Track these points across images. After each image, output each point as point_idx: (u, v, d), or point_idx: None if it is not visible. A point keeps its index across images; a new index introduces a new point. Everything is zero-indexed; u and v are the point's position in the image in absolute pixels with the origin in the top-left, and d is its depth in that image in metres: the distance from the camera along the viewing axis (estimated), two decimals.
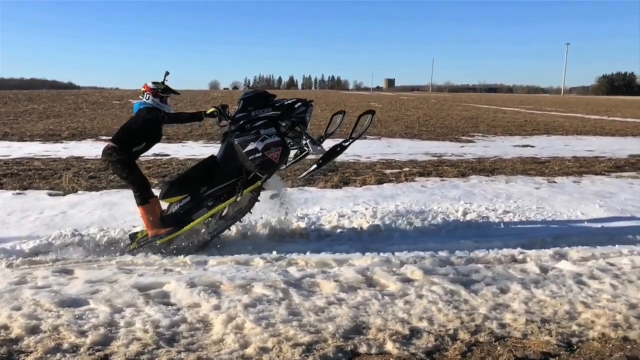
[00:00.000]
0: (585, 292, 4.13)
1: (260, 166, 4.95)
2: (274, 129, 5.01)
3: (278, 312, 3.66)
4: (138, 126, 5.04)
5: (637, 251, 5.18)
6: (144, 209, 5.11)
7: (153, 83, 5.12)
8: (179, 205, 5.11)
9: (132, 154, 5.07)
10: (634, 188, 8.47)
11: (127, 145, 5.02)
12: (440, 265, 4.72)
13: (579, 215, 6.69)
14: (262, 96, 5.20)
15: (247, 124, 5.03)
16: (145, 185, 5.14)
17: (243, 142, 4.96)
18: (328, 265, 4.75)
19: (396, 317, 3.64)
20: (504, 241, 5.55)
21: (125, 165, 5.01)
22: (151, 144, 5.18)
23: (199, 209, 5.10)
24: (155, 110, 5.03)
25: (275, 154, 4.93)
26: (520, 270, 4.63)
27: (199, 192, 5.08)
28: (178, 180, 5.23)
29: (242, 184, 5.06)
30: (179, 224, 5.07)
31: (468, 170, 10.00)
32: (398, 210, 6.72)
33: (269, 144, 4.92)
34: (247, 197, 5.20)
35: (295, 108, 5.17)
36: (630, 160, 11.85)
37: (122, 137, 5.06)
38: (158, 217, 5.13)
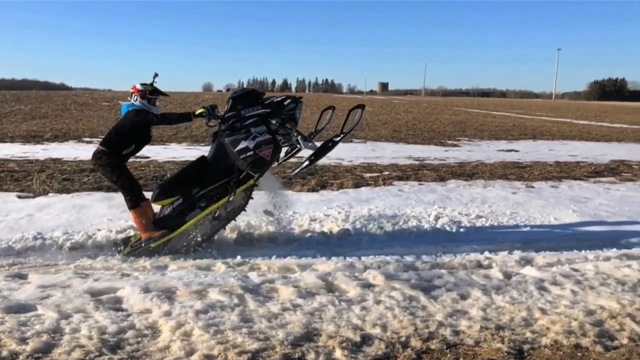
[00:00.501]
0: (545, 298, 4.10)
1: (252, 164, 4.94)
2: (264, 126, 4.99)
3: (229, 318, 3.59)
4: (126, 129, 5.00)
5: (602, 256, 5.16)
6: (136, 212, 5.06)
7: (141, 84, 5.08)
8: (171, 207, 5.08)
9: (122, 157, 5.04)
10: (610, 193, 8.48)
11: (116, 148, 4.98)
12: (404, 270, 4.68)
13: (552, 220, 6.67)
14: (250, 94, 5.17)
15: (237, 122, 5.00)
16: (135, 188, 5.10)
17: (233, 141, 4.94)
18: (291, 270, 4.69)
19: (350, 324, 3.58)
20: (472, 246, 5.51)
21: (115, 169, 4.97)
22: (140, 146, 5.14)
23: (192, 210, 5.06)
24: (144, 112, 4.99)
25: (267, 152, 4.92)
26: (483, 275, 4.59)
27: (191, 193, 5.05)
28: (169, 182, 5.18)
29: (235, 183, 5.03)
30: (172, 225, 5.04)
31: (447, 174, 9.97)
32: (370, 214, 6.67)
33: (259, 142, 4.90)
34: (240, 196, 5.19)
35: (284, 105, 5.15)
36: (610, 165, 11.88)
37: (111, 140, 5.01)
38: (150, 220, 5.09)
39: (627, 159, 13.24)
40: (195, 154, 12.46)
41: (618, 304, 3.98)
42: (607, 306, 3.96)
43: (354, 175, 9.74)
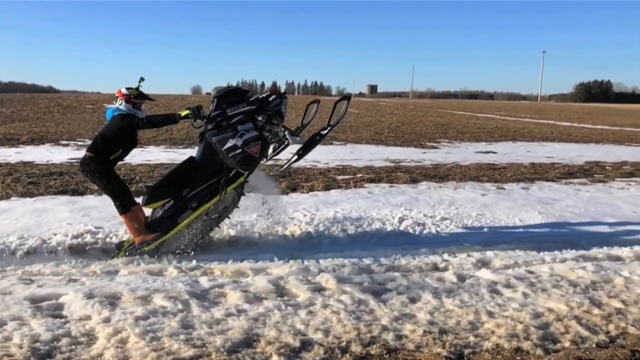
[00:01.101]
0: (495, 301, 4.08)
1: (241, 162, 4.94)
2: (250, 123, 5.00)
3: (170, 324, 3.52)
4: (112, 134, 4.97)
5: (559, 258, 5.16)
6: (127, 217, 5.06)
7: (126, 88, 5.05)
8: (162, 209, 5.07)
9: (110, 162, 5.02)
10: (579, 194, 8.52)
11: (103, 153, 4.96)
12: (358, 274, 4.64)
13: (516, 222, 6.67)
14: (235, 92, 5.16)
15: (224, 121, 5.00)
16: (125, 193, 5.08)
17: (221, 140, 4.93)
18: (244, 275, 4.63)
19: (292, 329, 3.53)
20: (432, 248, 5.49)
21: (103, 174, 4.96)
22: (127, 150, 5.14)
23: (184, 211, 5.06)
24: (129, 116, 4.96)
25: (255, 149, 4.93)
26: (437, 278, 4.55)
27: (181, 195, 5.05)
28: (159, 185, 5.18)
29: (225, 182, 5.03)
30: (165, 228, 5.04)
31: (420, 176, 9.97)
32: (335, 217, 6.63)
33: (247, 139, 4.90)
34: (231, 195, 5.19)
35: (270, 101, 5.15)
36: (584, 166, 11.96)
37: (98, 145, 4.99)
38: (142, 224, 5.08)
39: (602, 160, 13.35)
40: (171, 157, 12.39)
41: (566, 306, 3.97)
42: (555, 309, 3.94)
43: (327, 177, 9.70)
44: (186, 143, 15.83)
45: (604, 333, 3.55)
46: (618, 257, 5.22)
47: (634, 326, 3.67)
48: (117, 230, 5.85)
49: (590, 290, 4.33)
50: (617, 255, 5.27)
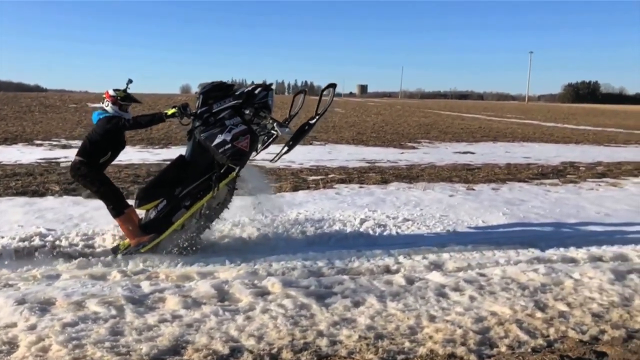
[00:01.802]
0: (440, 305, 4.01)
1: (231, 157, 4.92)
2: (238, 117, 4.97)
3: (98, 331, 3.41)
4: (100, 137, 4.93)
5: (514, 260, 5.11)
6: (121, 220, 5.03)
7: (114, 90, 5.02)
8: (156, 210, 5.03)
9: (100, 165, 5.00)
10: (548, 195, 8.50)
11: (92, 157, 4.94)
12: (307, 277, 4.55)
13: (479, 223, 6.62)
14: (220, 87, 5.11)
15: (211, 117, 4.96)
16: (117, 196, 5.05)
17: (210, 136, 4.91)
18: (190, 279, 4.52)
19: (225, 335, 3.43)
20: (389, 250, 5.41)
21: (94, 178, 4.95)
22: (116, 152, 5.10)
23: (177, 211, 5.03)
24: (115, 118, 4.92)
25: (245, 143, 4.91)
26: (386, 281, 4.48)
27: (173, 194, 5.02)
28: (150, 186, 5.15)
29: (217, 178, 5.00)
30: (160, 228, 5.00)
31: (392, 176, 9.90)
32: (297, 219, 6.54)
33: (236, 134, 4.88)
34: (224, 190, 5.17)
35: (256, 94, 5.10)
36: (559, 167, 11.97)
37: (87, 149, 4.95)
38: (137, 225, 5.05)
39: (578, 160, 13.37)
40: (144, 157, 12.22)
41: (511, 309, 3.91)
42: (499, 312, 3.88)
43: (298, 178, 9.60)
44: (163, 143, 15.69)
45: (542, 337, 3.50)
46: (573, 259, 5.18)
47: (574, 330, 3.61)
48: (69, 232, 5.72)
49: (539, 293, 4.28)
50: (572, 257, 5.23)
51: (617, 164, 12.71)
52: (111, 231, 5.74)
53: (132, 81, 5.11)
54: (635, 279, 4.61)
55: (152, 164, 10.75)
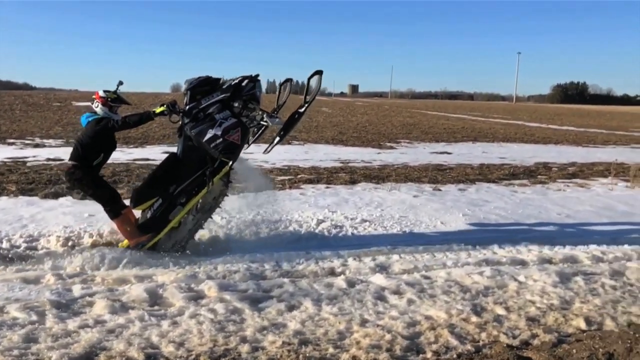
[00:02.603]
0: (376, 309, 3.93)
1: (223, 151, 4.92)
2: (227, 111, 4.97)
3: (10, 338, 3.28)
4: (90, 139, 4.91)
5: (462, 262, 5.04)
6: (118, 221, 5.03)
7: (104, 91, 5.02)
8: (152, 209, 5.03)
9: (94, 168, 4.98)
10: (514, 196, 8.46)
11: (86, 160, 4.91)
12: (248, 280, 4.46)
13: (437, 225, 6.56)
14: (206, 81, 5.07)
15: (200, 112, 4.94)
16: (113, 198, 5.04)
17: (200, 132, 4.90)
18: (126, 282, 4.40)
19: (145, 341, 3.32)
20: (338, 252, 5.32)
21: (90, 181, 4.94)
22: (108, 153, 5.09)
23: (173, 208, 5.02)
24: (104, 119, 4.91)
25: (236, 136, 4.91)
26: (326, 284, 4.39)
27: (168, 192, 5.01)
28: (144, 186, 5.13)
29: (210, 173, 5.01)
30: (157, 227, 5.01)
31: (361, 177, 9.83)
32: (254, 220, 6.42)
33: (227, 127, 4.88)
34: (219, 185, 5.17)
35: (243, 86, 5.07)
36: (531, 167, 11.97)
37: (79, 153, 4.92)
38: (134, 226, 5.06)
39: (553, 161, 13.39)
40: (116, 157, 12.02)
41: (446, 314, 3.84)
42: (435, 316, 3.81)
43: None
44: (139, 142, 15.52)
45: (472, 342, 3.43)
46: (522, 261, 5.13)
47: (506, 334, 3.55)
48: (14, 234, 5.58)
49: (480, 297, 4.22)
50: (522, 259, 5.17)
51: (590, 164, 12.73)
52: (57, 233, 5.62)
53: (122, 83, 5.11)
54: (580, 281, 4.56)
55: (121, 164, 10.59)
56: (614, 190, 9.25)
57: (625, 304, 4.11)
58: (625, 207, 7.77)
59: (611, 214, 7.35)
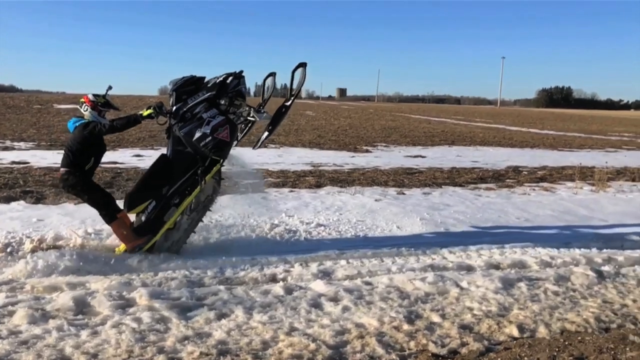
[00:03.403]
0: (308, 317, 3.83)
1: (214, 149, 4.96)
2: (214, 109, 4.98)
3: None
4: (79, 144, 4.91)
5: (407, 267, 4.97)
6: (115, 225, 5.05)
7: (93, 95, 5.04)
8: (146, 212, 5.04)
9: (86, 173, 4.98)
10: (477, 200, 8.42)
11: (77, 165, 4.92)
12: (184, 287, 4.33)
13: (392, 229, 6.49)
14: (190, 81, 5.08)
15: (187, 112, 4.95)
16: (108, 202, 5.05)
17: (189, 132, 4.92)
18: (57, 290, 4.25)
19: (57, 353, 3.18)
20: (285, 257, 5.22)
21: (84, 187, 4.95)
22: (99, 157, 5.10)
23: (168, 209, 5.04)
24: (91, 123, 4.91)
25: (225, 133, 4.95)
26: (263, 292, 4.28)
27: (162, 194, 5.03)
28: (137, 189, 5.13)
29: (202, 172, 5.04)
30: (153, 229, 5.03)
31: (328, 180, 9.76)
32: (207, 225, 6.28)
33: (215, 126, 4.91)
34: (211, 183, 5.20)
35: (228, 83, 5.07)
36: (501, 171, 11.97)
37: (70, 159, 4.93)
38: (130, 229, 5.08)
39: (524, 165, 13.42)
40: None
41: (378, 321, 3.75)
42: (366, 324, 3.72)
43: (230, 181, 9.36)
44: (112, 145, 15.30)
45: (398, 352, 3.34)
46: (469, 266, 5.07)
47: (435, 343, 3.47)
48: None
49: (418, 303, 4.14)
50: (470, 264, 5.11)
51: (560, 168, 12.78)
52: None
53: (111, 87, 5.18)
54: (523, 287, 4.51)
55: None
56: (578, 194, 9.27)
57: (563, 310, 4.06)
58: (586, 211, 7.78)
59: (571, 218, 7.35)
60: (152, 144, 15.69)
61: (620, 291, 4.53)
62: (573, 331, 3.69)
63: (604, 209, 7.95)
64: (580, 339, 3.52)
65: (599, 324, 3.80)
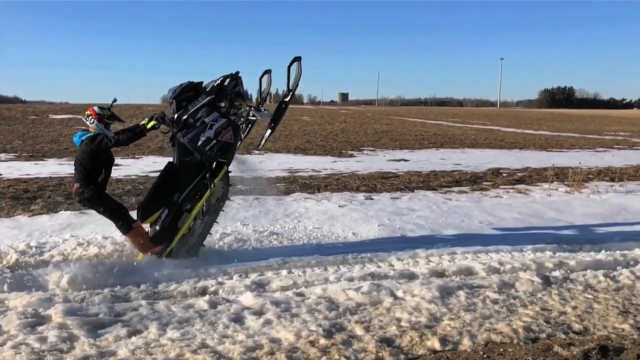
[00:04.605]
0: (224, 332, 3.66)
1: (219, 152, 5.02)
2: (216, 112, 5.03)
3: None
4: (89, 157, 4.97)
5: (345, 276, 4.78)
6: (131, 235, 5.12)
7: (99, 108, 5.13)
8: (160, 220, 5.11)
9: (99, 185, 5.05)
10: (445, 204, 8.22)
11: (90, 179, 4.99)
12: (105, 302, 4.18)
13: (347, 236, 6.31)
14: (189, 87, 5.13)
15: (189, 118, 5.00)
16: (124, 213, 5.13)
17: (194, 137, 4.97)
18: None
19: None
20: (225, 268, 5.05)
21: (98, 199, 5.02)
22: (109, 168, 5.17)
23: (181, 216, 5.12)
24: (98, 136, 4.97)
25: (228, 135, 5.00)
26: (186, 306, 4.12)
27: (173, 201, 5.10)
28: (148, 199, 5.18)
29: (210, 176, 5.10)
30: (169, 237, 5.10)
31: (298, 186, 9.61)
32: None
33: (218, 129, 4.96)
34: (220, 186, 5.27)
35: (226, 85, 5.11)
36: (480, 174, 11.77)
37: (82, 174, 5.00)
38: (147, 237, 5.15)
39: (507, 166, 13.21)
40: (54, 171, 11.70)
41: (295, 336, 3.58)
42: (282, 339, 3.55)
43: None
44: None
45: None
46: (412, 274, 4.88)
47: (348, 358, 3.29)
48: None
49: (346, 315, 3.97)
50: (413, 272, 4.92)
51: (542, 169, 12.55)
52: None
53: (116, 100, 5.27)
54: (462, 295, 4.32)
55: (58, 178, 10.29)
56: (552, 195, 9.06)
57: (495, 319, 3.87)
58: (554, 214, 7.57)
59: (536, 221, 7.15)
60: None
61: (564, 298, 4.34)
62: (498, 342, 3.50)
63: (573, 211, 7.74)
64: (501, 351, 3.33)
65: (527, 334, 3.61)
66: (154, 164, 12.40)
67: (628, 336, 3.55)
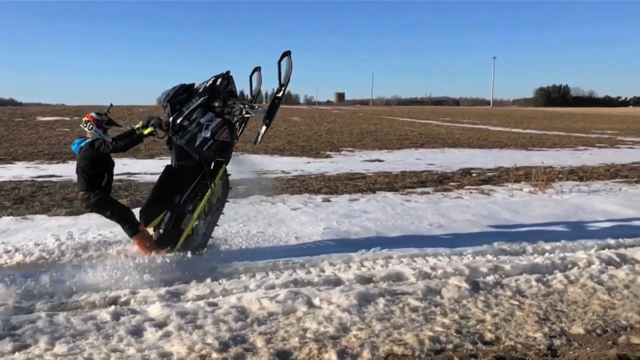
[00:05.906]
0: (117, 346, 3.49)
1: (217, 151, 5.07)
2: (210, 113, 5.08)
3: None
4: (89, 163, 5.04)
5: (266, 284, 4.59)
6: (138, 238, 5.16)
7: (97, 114, 5.20)
8: (163, 223, 5.14)
9: (104, 190, 5.11)
10: (401, 206, 8.03)
11: (93, 185, 5.05)
12: (6, 314, 3.99)
13: (289, 241, 6.13)
14: (181, 89, 5.16)
15: (184, 120, 5.02)
16: (130, 216, 5.19)
17: (190, 139, 5.01)
18: None
19: None
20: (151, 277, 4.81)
21: (105, 204, 5.09)
22: (110, 172, 5.23)
23: (183, 217, 5.15)
24: (97, 141, 5.03)
25: (225, 134, 5.06)
26: (87, 317, 3.92)
27: (174, 204, 5.14)
28: (150, 203, 5.22)
29: (210, 175, 5.14)
30: (173, 239, 5.13)
31: (257, 189, 9.39)
32: (88, 242, 5.94)
33: (214, 128, 5.01)
34: (220, 185, 5.33)
35: (218, 85, 5.15)
36: (449, 174, 11.60)
37: (85, 180, 5.05)
38: (152, 240, 5.19)
39: (480, 166, 13.04)
40: (34, 174, 11.49)
41: (188, 349, 3.40)
42: (174, 353, 3.37)
43: None
44: (61, 158, 15.03)
45: None
46: (338, 280, 4.69)
47: None
48: None
49: (253, 325, 3.79)
50: (339, 278, 4.74)
51: (515, 169, 12.38)
52: None
53: (112, 105, 5.49)
54: (381, 303, 4.14)
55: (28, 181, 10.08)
56: (514, 196, 8.89)
57: (405, 329, 3.69)
58: (509, 215, 7.40)
59: (488, 222, 6.97)
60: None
61: (488, 305, 4.16)
62: (399, 355, 3.32)
63: (530, 212, 7.57)
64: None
65: (433, 345, 3.43)
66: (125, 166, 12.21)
67: (535, 346, 3.37)
